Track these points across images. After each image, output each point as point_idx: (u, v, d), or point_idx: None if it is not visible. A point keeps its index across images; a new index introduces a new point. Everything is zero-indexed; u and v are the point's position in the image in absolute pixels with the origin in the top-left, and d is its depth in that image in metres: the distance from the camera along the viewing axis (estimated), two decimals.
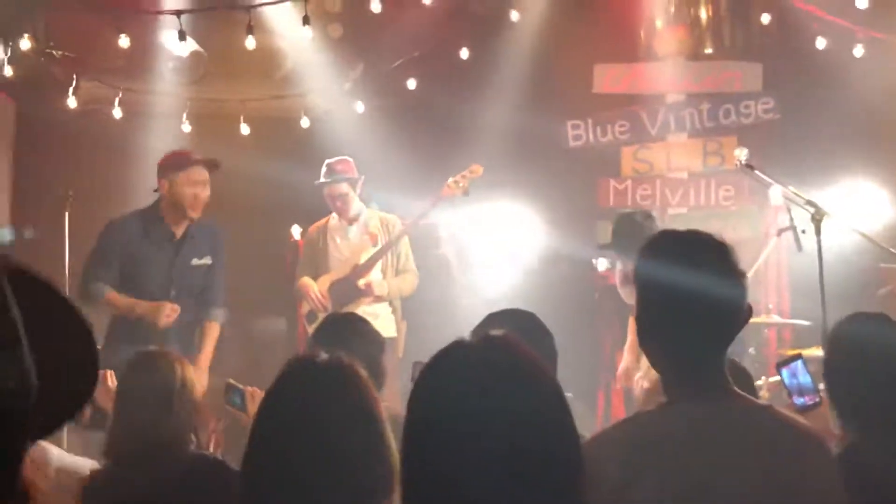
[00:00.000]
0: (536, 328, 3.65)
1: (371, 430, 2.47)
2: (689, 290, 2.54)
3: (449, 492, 1.77)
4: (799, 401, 3.52)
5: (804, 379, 3.57)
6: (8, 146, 7.36)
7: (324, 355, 2.55)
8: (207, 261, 6.46)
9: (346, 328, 4.52)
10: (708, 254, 2.61)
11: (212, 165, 6.35)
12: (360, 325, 4.59)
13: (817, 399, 3.51)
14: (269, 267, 8.76)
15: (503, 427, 1.77)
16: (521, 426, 1.78)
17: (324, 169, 7.47)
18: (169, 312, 6.15)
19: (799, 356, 3.66)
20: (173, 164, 6.33)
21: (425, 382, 1.88)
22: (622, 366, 6.53)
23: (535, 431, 1.79)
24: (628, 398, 6.75)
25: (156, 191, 6.40)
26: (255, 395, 4.21)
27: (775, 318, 7.72)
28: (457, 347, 1.90)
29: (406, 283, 7.56)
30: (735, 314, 2.60)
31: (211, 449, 4.41)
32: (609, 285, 7.90)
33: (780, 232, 6.84)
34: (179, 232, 6.39)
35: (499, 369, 1.84)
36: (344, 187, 7.40)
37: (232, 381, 4.35)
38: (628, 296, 6.40)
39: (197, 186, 6.27)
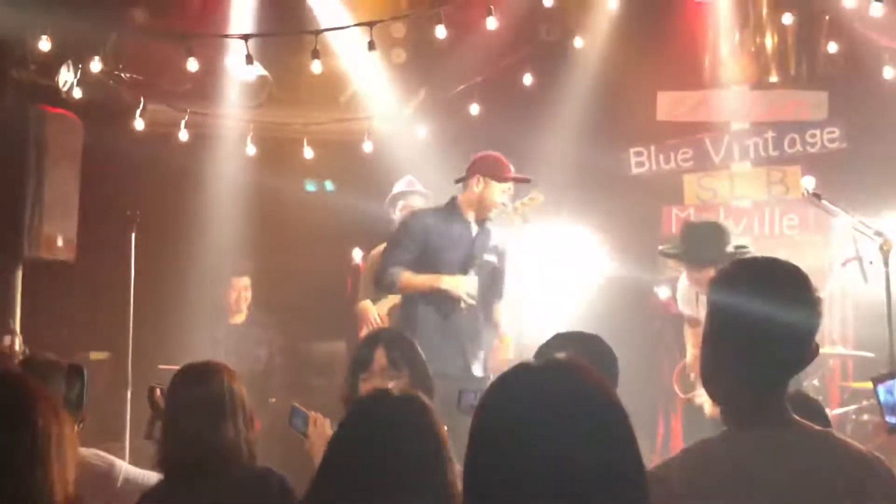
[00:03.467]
0: (602, 351, 3.68)
1: (438, 466, 2.59)
2: (764, 322, 2.51)
3: None
4: (892, 420, 3.47)
5: None
6: (76, 167, 7.47)
7: (396, 390, 2.71)
8: (493, 260, 6.65)
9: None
10: (785, 285, 2.59)
11: (523, 181, 6.66)
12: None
13: None
14: (330, 289, 8.77)
15: (567, 452, 1.73)
16: (585, 451, 1.74)
17: (398, 187, 7.57)
18: (470, 289, 6.36)
19: None
20: (497, 170, 6.53)
21: (489, 404, 1.84)
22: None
23: (600, 456, 1.75)
24: (687, 425, 6.69)
25: (457, 181, 6.60)
26: (317, 420, 4.21)
27: (840, 350, 7.61)
28: (521, 371, 1.86)
29: None
30: (806, 347, 2.58)
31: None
32: (669, 314, 7.84)
33: (845, 262, 6.75)
34: (474, 228, 6.58)
35: (563, 394, 1.80)
36: (418, 200, 7.49)
37: (297, 404, 4.35)
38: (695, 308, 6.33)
39: (506, 195, 6.56)
